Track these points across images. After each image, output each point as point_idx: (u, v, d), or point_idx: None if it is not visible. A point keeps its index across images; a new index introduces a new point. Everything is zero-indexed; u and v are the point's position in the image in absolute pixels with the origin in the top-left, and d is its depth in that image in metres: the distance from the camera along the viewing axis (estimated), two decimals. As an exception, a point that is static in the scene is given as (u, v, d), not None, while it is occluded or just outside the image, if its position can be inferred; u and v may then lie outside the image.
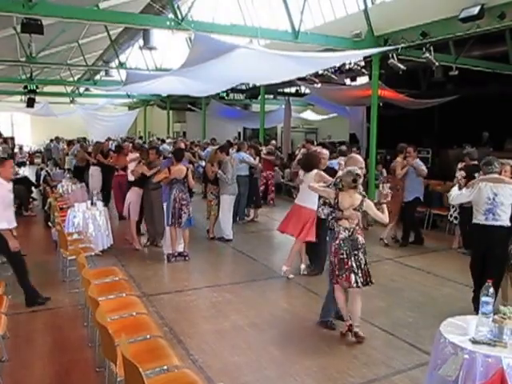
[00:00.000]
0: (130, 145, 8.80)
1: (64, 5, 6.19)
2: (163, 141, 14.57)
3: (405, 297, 4.58)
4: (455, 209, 6.40)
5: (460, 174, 6.22)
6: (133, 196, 6.19)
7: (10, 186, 4.14)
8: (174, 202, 5.45)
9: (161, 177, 5.59)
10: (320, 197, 4.31)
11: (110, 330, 2.35)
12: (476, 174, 5.99)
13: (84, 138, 13.43)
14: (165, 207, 5.69)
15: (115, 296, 3.30)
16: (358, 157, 3.99)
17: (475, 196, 3.93)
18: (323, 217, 4.28)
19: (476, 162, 6.14)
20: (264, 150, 9.55)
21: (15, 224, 4.12)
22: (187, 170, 5.56)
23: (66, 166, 11.53)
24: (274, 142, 12.17)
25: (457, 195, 4.10)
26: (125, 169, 7.60)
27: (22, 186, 8.86)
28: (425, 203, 7.93)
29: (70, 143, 12.93)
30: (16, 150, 17.89)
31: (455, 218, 6.44)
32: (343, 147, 7.16)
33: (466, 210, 6.11)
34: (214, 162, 6.62)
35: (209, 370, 3.12)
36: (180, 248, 5.72)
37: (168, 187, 5.59)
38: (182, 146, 7.46)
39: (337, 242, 3.51)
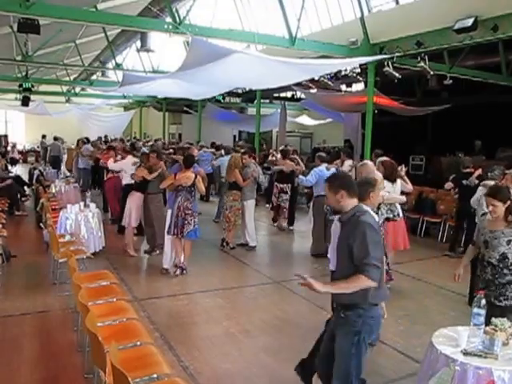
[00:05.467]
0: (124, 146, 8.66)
1: (61, 5, 6.14)
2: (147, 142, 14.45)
3: (396, 305, 4.57)
4: None
5: (448, 185, 6.38)
6: (134, 202, 5.92)
7: None
8: (177, 210, 5.11)
9: (167, 183, 5.32)
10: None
11: (100, 337, 2.32)
12: (464, 181, 6.15)
13: (87, 139, 13.23)
14: (169, 215, 5.34)
15: (106, 300, 3.26)
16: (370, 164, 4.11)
17: (477, 199, 4.24)
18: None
19: (468, 170, 6.24)
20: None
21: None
22: (196, 176, 5.20)
23: (81, 166, 11.13)
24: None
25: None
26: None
27: (14, 185, 8.77)
28: (417, 210, 8.00)
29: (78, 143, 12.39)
30: (9, 148, 17.73)
31: None
32: (322, 153, 7.14)
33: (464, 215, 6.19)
34: (237, 168, 6.25)
35: (199, 377, 3.10)
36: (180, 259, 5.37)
37: (174, 194, 5.27)
38: (195, 152, 6.97)
39: None
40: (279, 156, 8.04)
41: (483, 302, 2.43)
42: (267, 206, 9.92)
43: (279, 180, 7.70)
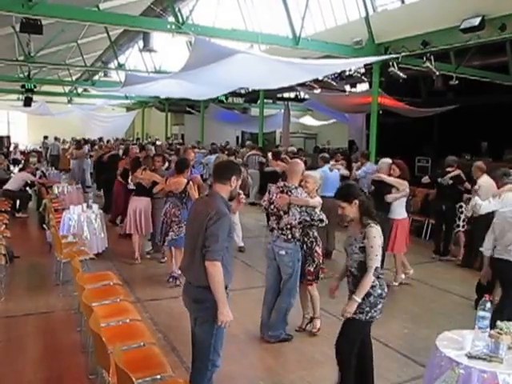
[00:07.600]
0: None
1: (64, 5, 6.17)
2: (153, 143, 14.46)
3: (400, 308, 4.55)
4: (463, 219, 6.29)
5: (425, 179, 6.53)
6: (145, 207, 5.64)
7: None
8: (164, 216, 4.83)
9: (158, 188, 5.15)
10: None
11: (104, 337, 2.32)
12: (439, 179, 6.16)
13: (88, 140, 13.27)
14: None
15: (109, 302, 3.26)
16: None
17: (501, 204, 3.97)
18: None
19: (450, 169, 6.20)
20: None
21: None
22: (188, 183, 4.68)
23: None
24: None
25: (486, 205, 4.12)
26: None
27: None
28: (423, 213, 7.95)
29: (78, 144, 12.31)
30: (11, 148, 17.82)
31: (463, 226, 6.37)
32: (325, 154, 7.10)
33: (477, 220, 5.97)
34: None
35: (202, 378, 3.07)
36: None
37: (164, 200, 5.03)
38: (192, 156, 6.10)
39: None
40: (270, 157, 7.97)
41: (488, 305, 2.40)
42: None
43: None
